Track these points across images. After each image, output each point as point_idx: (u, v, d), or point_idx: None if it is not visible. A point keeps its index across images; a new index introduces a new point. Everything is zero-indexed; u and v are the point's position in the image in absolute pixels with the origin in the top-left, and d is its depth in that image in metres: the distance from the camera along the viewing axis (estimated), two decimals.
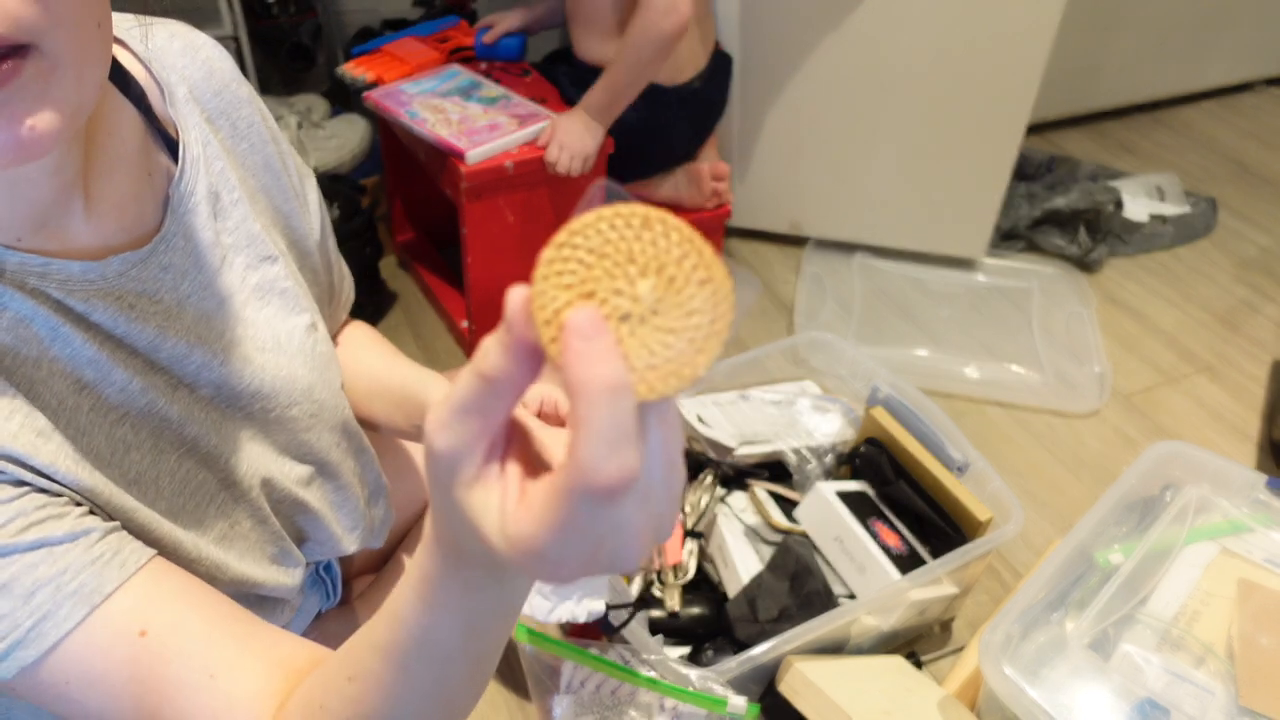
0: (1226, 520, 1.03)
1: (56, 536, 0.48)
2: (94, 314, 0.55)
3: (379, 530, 0.84)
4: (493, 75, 1.56)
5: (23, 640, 0.46)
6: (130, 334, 0.57)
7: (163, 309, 0.59)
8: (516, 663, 1.10)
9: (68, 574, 0.47)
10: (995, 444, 1.44)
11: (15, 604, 0.46)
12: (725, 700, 0.84)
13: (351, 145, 1.71)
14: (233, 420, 0.65)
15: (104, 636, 0.48)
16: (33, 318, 0.52)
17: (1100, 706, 0.88)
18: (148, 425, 0.58)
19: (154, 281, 0.59)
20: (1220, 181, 2.14)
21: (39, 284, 0.52)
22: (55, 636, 0.47)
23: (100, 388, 0.55)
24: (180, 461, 0.60)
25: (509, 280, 0.35)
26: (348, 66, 1.53)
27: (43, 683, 0.48)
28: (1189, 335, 1.68)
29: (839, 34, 1.57)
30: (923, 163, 1.67)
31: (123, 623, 0.48)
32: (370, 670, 0.43)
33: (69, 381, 0.54)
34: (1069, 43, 1.90)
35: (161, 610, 0.50)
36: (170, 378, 0.60)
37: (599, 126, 1.38)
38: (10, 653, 0.46)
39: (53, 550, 0.47)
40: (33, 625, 0.46)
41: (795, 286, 1.74)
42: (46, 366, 0.52)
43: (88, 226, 0.56)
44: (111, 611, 0.48)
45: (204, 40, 0.67)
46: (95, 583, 0.48)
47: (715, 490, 1.12)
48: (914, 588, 0.98)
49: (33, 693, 0.48)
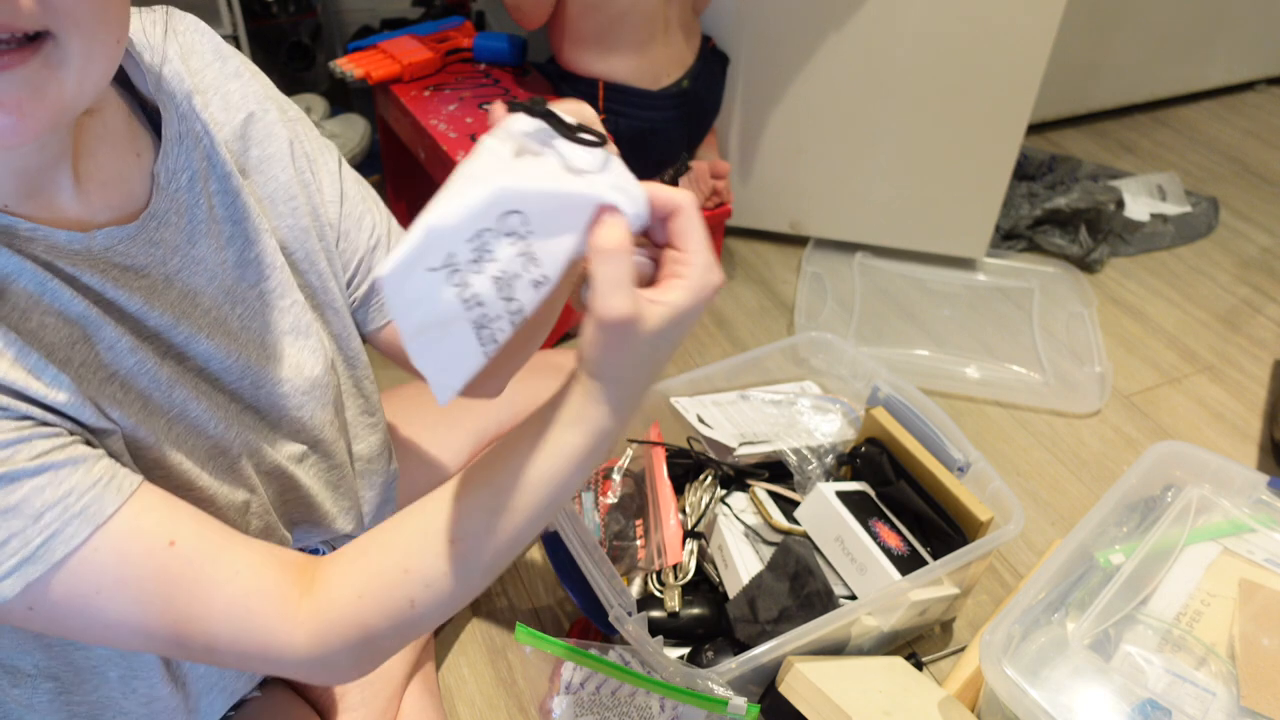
0: (1228, 520, 1.03)
1: (58, 461, 0.51)
2: (82, 277, 0.56)
3: (377, 514, 0.84)
4: (492, 75, 1.56)
5: (30, 557, 0.50)
6: (119, 299, 0.58)
7: (149, 283, 0.60)
8: (516, 663, 1.09)
9: (72, 495, 0.51)
10: (996, 444, 1.44)
11: (25, 523, 0.49)
12: (725, 701, 0.83)
13: (351, 145, 1.71)
14: (222, 392, 0.66)
15: (135, 546, 0.52)
16: (19, 274, 0.53)
17: (1101, 707, 0.88)
18: (137, 386, 0.59)
19: (142, 256, 0.60)
20: (1221, 181, 2.14)
21: (25, 246, 0.54)
22: (62, 553, 0.50)
23: (90, 344, 0.57)
24: (170, 425, 0.61)
25: None
26: (340, 62, 1.53)
27: (65, 594, 0.51)
28: (1190, 335, 1.68)
29: (839, 34, 1.57)
30: (923, 163, 1.67)
31: (152, 534, 0.53)
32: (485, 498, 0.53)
33: (60, 335, 0.55)
34: (1069, 43, 1.90)
35: (182, 522, 0.55)
36: (160, 344, 0.61)
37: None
38: (19, 568, 0.49)
39: (57, 473, 0.50)
40: (42, 543, 0.50)
41: (795, 286, 1.74)
42: (36, 319, 0.54)
43: (76, 201, 0.57)
44: (138, 524, 0.53)
45: (187, 24, 0.68)
46: (98, 505, 0.51)
47: (715, 490, 1.12)
48: (914, 588, 0.98)
49: (56, 608, 0.52)
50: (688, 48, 1.50)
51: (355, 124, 1.75)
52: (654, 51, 1.44)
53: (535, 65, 1.59)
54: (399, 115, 1.52)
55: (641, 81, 1.44)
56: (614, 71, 1.43)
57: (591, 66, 1.43)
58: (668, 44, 1.46)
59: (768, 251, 1.84)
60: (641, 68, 1.43)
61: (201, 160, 0.64)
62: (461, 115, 1.43)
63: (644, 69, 1.44)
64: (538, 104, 0.47)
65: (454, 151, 1.34)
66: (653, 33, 1.43)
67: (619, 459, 1.15)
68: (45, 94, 0.46)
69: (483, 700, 1.06)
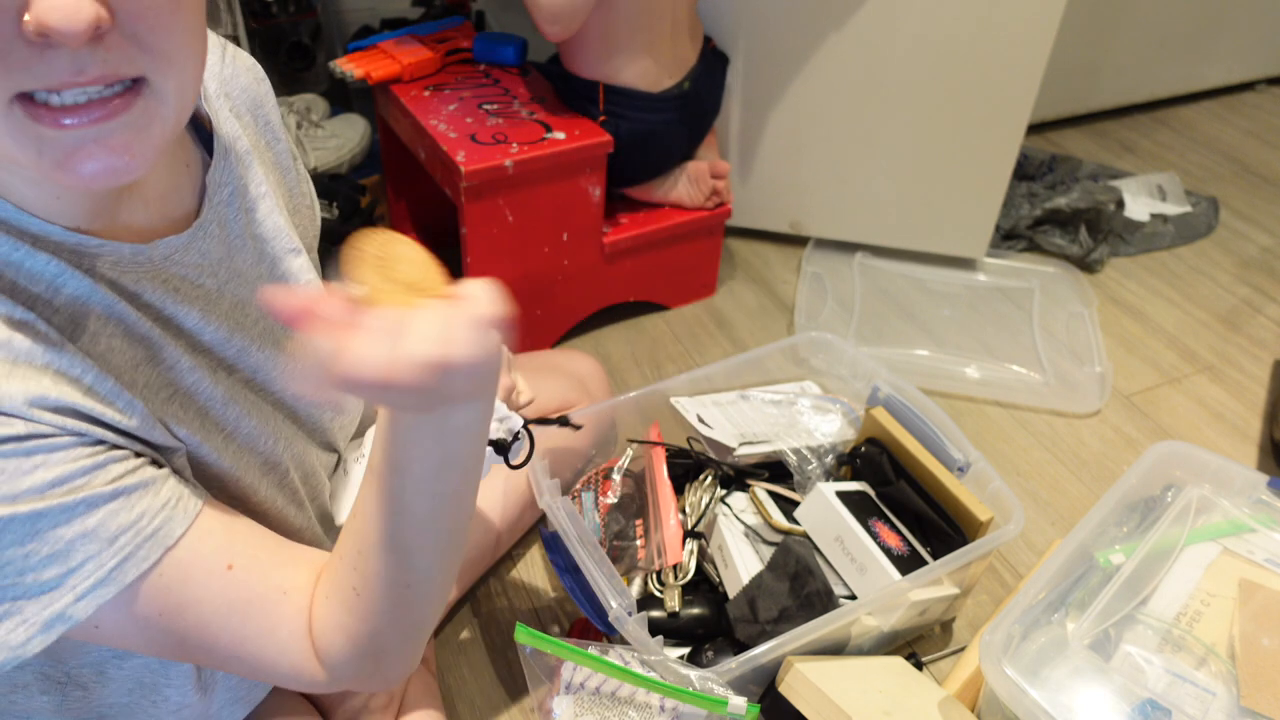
0: (1228, 520, 1.03)
1: (131, 485, 0.53)
2: (145, 294, 0.58)
3: None
4: (492, 75, 1.56)
5: (104, 579, 0.51)
6: (178, 314, 0.60)
7: (204, 293, 0.63)
8: (516, 663, 1.09)
9: (144, 519, 0.53)
10: (996, 444, 1.44)
11: (100, 546, 0.51)
12: (725, 700, 0.83)
13: (351, 145, 1.71)
14: (268, 403, 0.69)
15: (197, 570, 0.55)
16: (90, 296, 0.55)
17: (1101, 707, 0.88)
18: (194, 404, 0.61)
19: (194, 266, 0.62)
20: (1222, 181, 2.14)
21: (93, 263, 0.56)
22: (134, 575, 0.52)
23: (154, 365, 0.58)
24: (226, 441, 0.63)
25: (509, 280, 0.36)
26: (340, 62, 1.53)
27: (128, 616, 0.53)
28: (1190, 335, 1.68)
29: (839, 33, 1.57)
30: (923, 163, 1.67)
31: (212, 559, 0.56)
32: (370, 543, 0.55)
33: (126, 357, 0.57)
34: (1069, 43, 1.90)
35: (238, 546, 0.57)
36: (214, 359, 0.63)
37: None
38: (93, 590, 0.51)
39: (129, 497, 0.52)
40: (116, 565, 0.52)
41: (795, 286, 1.74)
42: (105, 342, 0.55)
43: (135, 214, 0.59)
44: (199, 549, 0.55)
45: (222, 39, 0.71)
46: (168, 527, 0.54)
47: (715, 490, 1.12)
48: (914, 588, 0.98)
49: (117, 628, 0.54)
50: (691, 49, 1.50)
51: (355, 124, 1.74)
52: (660, 53, 1.44)
53: (535, 65, 1.59)
54: (399, 115, 1.52)
55: (643, 84, 1.44)
56: (617, 74, 1.42)
57: (595, 69, 1.43)
58: (674, 46, 1.46)
59: (768, 251, 1.84)
60: (645, 70, 1.43)
61: (243, 175, 0.66)
62: (461, 115, 1.43)
63: (648, 71, 1.43)
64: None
65: (454, 151, 1.34)
66: (660, 34, 1.42)
67: (619, 459, 1.15)
68: (150, 133, 0.49)
69: (483, 700, 1.06)
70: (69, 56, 0.43)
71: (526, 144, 1.37)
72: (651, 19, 1.40)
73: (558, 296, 1.53)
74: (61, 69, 0.43)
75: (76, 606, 0.51)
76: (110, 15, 0.43)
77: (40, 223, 0.53)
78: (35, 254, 0.53)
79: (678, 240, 1.60)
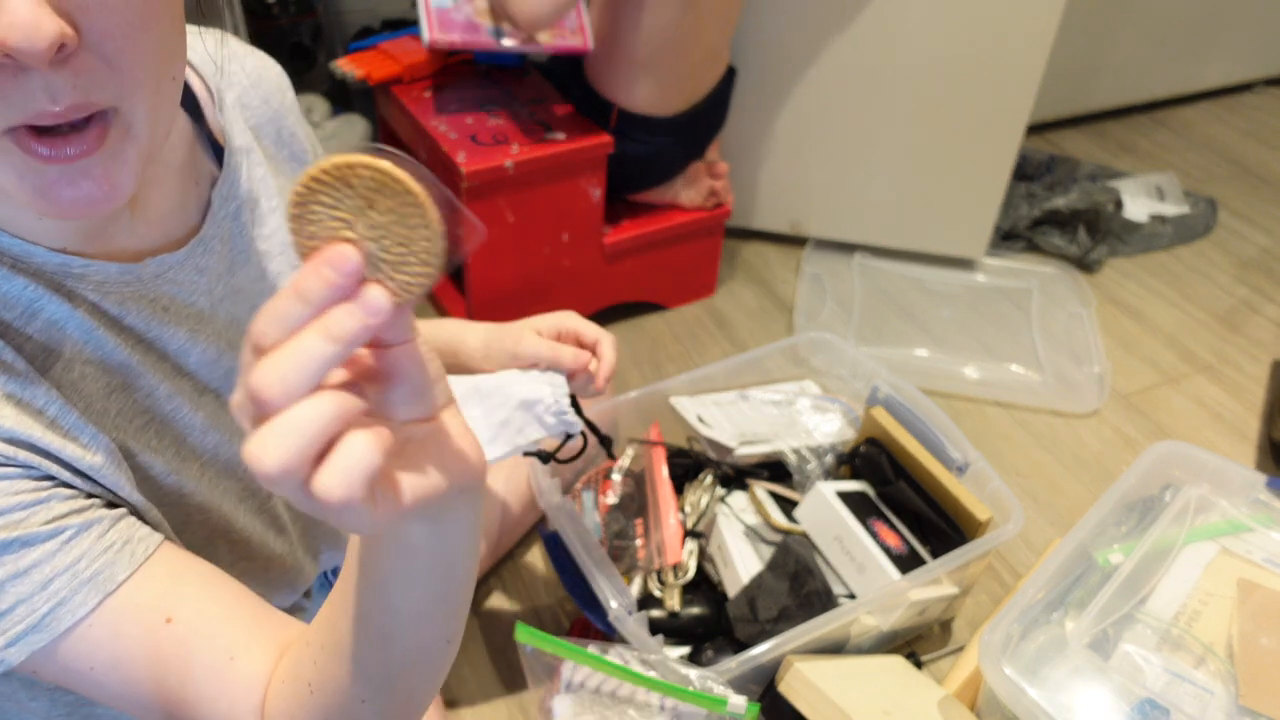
0: (1226, 520, 1.03)
1: (74, 525, 0.49)
2: (127, 317, 0.56)
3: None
4: (492, 76, 1.56)
5: (37, 625, 0.48)
6: (162, 337, 0.58)
7: (195, 312, 0.61)
8: (516, 662, 1.10)
9: (83, 562, 0.49)
10: (995, 444, 1.44)
11: (33, 589, 0.48)
12: (725, 700, 0.84)
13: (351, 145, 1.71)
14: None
15: (130, 624, 0.50)
16: (67, 321, 0.53)
17: (1100, 706, 0.88)
18: (171, 431, 0.59)
19: (189, 284, 0.60)
20: (1220, 182, 2.14)
21: (76, 285, 0.54)
22: (69, 622, 0.48)
23: (128, 392, 0.56)
24: (202, 470, 0.61)
25: (509, 280, 0.35)
26: (341, 62, 1.54)
27: (62, 666, 0.49)
28: (1189, 335, 1.68)
29: (839, 34, 1.57)
30: (923, 163, 1.67)
31: (149, 610, 0.50)
32: (337, 635, 0.46)
33: (99, 385, 0.55)
34: (1069, 43, 1.90)
35: (184, 597, 0.51)
36: (197, 383, 0.61)
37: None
38: (24, 636, 0.48)
39: (69, 538, 0.49)
40: (48, 611, 0.48)
41: (795, 286, 1.74)
42: (78, 369, 0.54)
43: (131, 233, 0.57)
44: (135, 599, 0.50)
45: (249, 48, 0.69)
46: (109, 571, 0.50)
47: (715, 490, 1.12)
48: (914, 587, 0.98)
49: (56, 676, 0.50)
50: (714, 75, 1.48)
51: (355, 124, 1.75)
52: (684, 82, 1.42)
53: (535, 66, 1.59)
54: (399, 116, 1.52)
55: (656, 109, 1.43)
56: (635, 99, 1.41)
57: (616, 91, 1.41)
58: (699, 74, 1.44)
59: (768, 251, 1.84)
60: (663, 96, 1.42)
61: (254, 188, 0.65)
62: (462, 116, 1.43)
63: (664, 97, 1.42)
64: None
65: (454, 152, 1.34)
66: (693, 63, 1.41)
67: (619, 459, 1.16)
68: (127, 158, 0.47)
69: (483, 700, 1.07)
70: (40, 81, 0.41)
71: (527, 144, 1.37)
72: (690, 46, 1.39)
73: (558, 297, 1.53)
74: (37, 95, 0.42)
75: (8, 652, 0.48)
76: (76, 33, 0.41)
77: (23, 244, 0.51)
78: (13, 277, 0.51)
79: (677, 240, 1.60)
